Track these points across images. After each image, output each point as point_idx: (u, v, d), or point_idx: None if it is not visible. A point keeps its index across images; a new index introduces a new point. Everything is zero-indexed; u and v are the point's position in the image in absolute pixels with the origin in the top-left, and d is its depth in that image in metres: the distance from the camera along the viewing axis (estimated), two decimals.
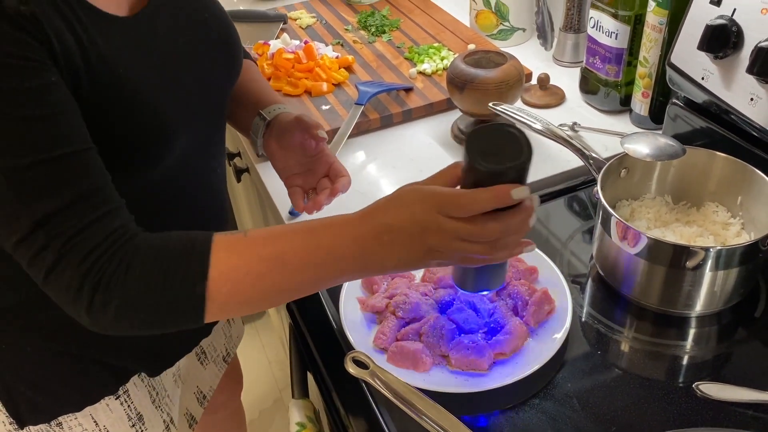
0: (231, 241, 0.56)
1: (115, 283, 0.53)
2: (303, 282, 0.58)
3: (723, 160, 0.78)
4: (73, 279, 0.52)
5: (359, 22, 1.33)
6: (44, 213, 0.52)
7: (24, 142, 0.51)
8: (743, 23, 0.77)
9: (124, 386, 0.78)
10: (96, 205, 0.53)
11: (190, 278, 0.54)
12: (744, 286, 0.73)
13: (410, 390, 0.61)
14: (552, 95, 1.10)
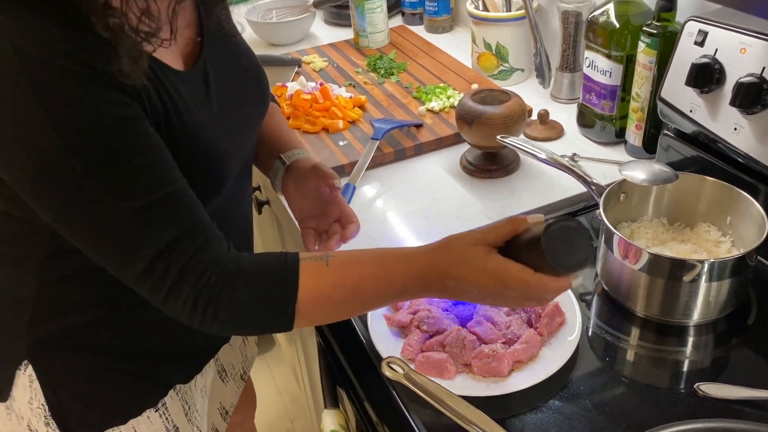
0: (316, 269, 0.66)
1: (222, 301, 0.63)
2: (374, 305, 0.73)
3: (712, 183, 0.86)
4: (188, 298, 0.63)
5: (368, 65, 1.43)
6: (163, 244, 0.61)
7: (139, 186, 0.60)
8: (724, 61, 0.86)
9: (163, 399, 0.83)
10: (197, 234, 0.63)
11: (282, 302, 0.65)
12: (736, 297, 0.80)
13: (442, 389, 0.68)
14: (552, 129, 1.19)
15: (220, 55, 0.77)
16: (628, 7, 1.04)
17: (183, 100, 0.67)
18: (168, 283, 0.62)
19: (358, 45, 1.53)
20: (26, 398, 0.78)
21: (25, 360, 0.76)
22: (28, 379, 0.77)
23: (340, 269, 0.67)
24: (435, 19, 1.62)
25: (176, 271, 0.62)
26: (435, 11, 1.61)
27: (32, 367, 0.76)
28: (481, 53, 1.36)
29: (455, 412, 0.65)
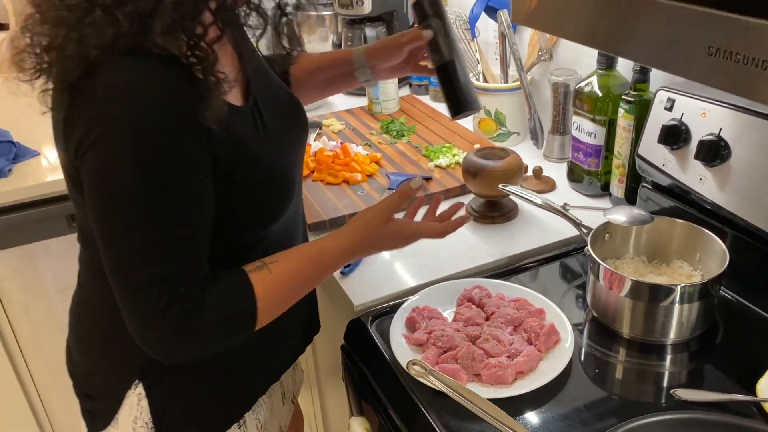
0: (262, 279, 0.80)
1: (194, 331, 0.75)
2: (314, 285, 0.90)
3: (681, 225, 1.01)
4: (167, 330, 0.74)
5: (381, 127, 1.61)
6: (163, 273, 0.73)
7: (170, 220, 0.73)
8: (689, 123, 1.03)
9: (244, 417, 0.95)
10: (192, 276, 0.75)
11: (249, 314, 0.80)
12: (705, 319, 0.93)
13: (459, 385, 0.80)
14: (545, 183, 1.35)
15: (260, 85, 0.91)
16: (608, 79, 1.22)
17: (245, 132, 0.82)
18: (155, 307, 0.72)
19: (371, 111, 1.71)
20: (131, 417, 0.88)
21: (137, 379, 0.88)
22: (137, 397, 0.87)
23: (281, 274, 0.82)
24: (439, 90, 1.81)
25: (165, 300, 0.72)
26: None
27: (142, 385, 0.88)
28: (482, 119, 1.54)
29: (472, 402, 0.78)
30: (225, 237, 0.81)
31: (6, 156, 1.62)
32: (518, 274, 1.11)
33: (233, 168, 0.79)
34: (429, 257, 1.15)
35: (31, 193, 1.56)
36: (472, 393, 0.80)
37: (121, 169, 0.70)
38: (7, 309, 1.65)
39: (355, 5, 1.82)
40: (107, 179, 0.71)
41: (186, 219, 0.74)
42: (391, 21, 1.90)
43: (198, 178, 0.74)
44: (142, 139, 0.69)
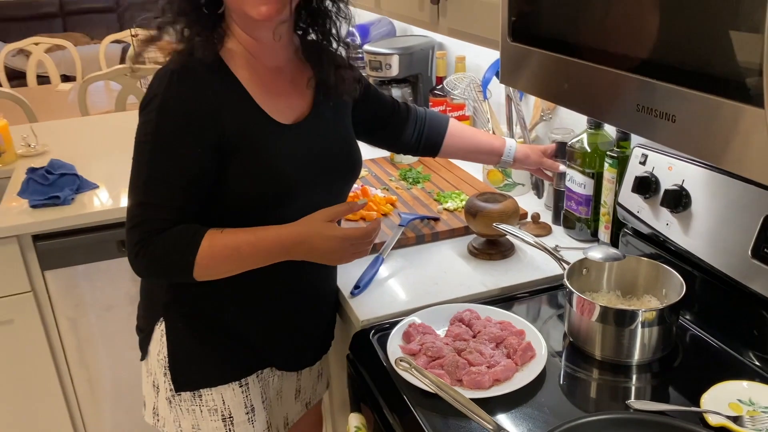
0: (213, 234, 1.01)
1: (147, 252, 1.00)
2: (249, 263, 1.04)
3: (647, 263, 1.15)
4: (130, 243, 1.01)
5: (400, 175, 1.79)
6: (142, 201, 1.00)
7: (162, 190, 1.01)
8: (659, 175, 1.19)
9: (246, 379, 1.12)
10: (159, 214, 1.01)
11: (187, 254, 1.00)
12: (664, 343, 1.06)
13: (438, 380, 0.95)
14: (542, 228, 1.51)
15: (325, 124, 1.14)
16: (597, 137, 1.39)
17: (268, 139, 1.04)
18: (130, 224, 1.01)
19: (393, 161, 1.90)
20: (156, 350, 1.09)
21: (162, 317, 1.07)
22: (160, 333, 1.08)
23: (227, 235, 1.01)
24: None
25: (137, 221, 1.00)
26: None
27: (164, 323, 1.07)
28: (490, 170, 1.71)
29: (447, 393, 0.92)
30: (233, 220, 1.04)
31: (71, 187, 1.85)
32: (507, 302, 1.25)
33: (239, 159, 1.02)
34: (429, 285, 1.31)
35: (87, 219, 1.78)
36: (447, 385, 0.94)
37: (145, 131, 1.01)
38: (58, 323, 1.85)
39: (384, 68, 2.04)
40: (138, 132, 1.02)
41: (172, 172, 1.00)
42: (416, 83, 2.11)
43: (193, 150, 0.99)
44: (161, 117, 1.00)
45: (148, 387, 1.21)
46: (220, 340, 1.13)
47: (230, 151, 1.02)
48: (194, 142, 1.00)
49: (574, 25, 0.87)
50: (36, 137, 2.24)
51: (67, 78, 4.82)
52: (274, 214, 1.07)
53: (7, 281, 1.75)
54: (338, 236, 1.03)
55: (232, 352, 1.14)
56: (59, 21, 6.68)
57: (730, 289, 1.07)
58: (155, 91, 1.00)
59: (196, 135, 1.00)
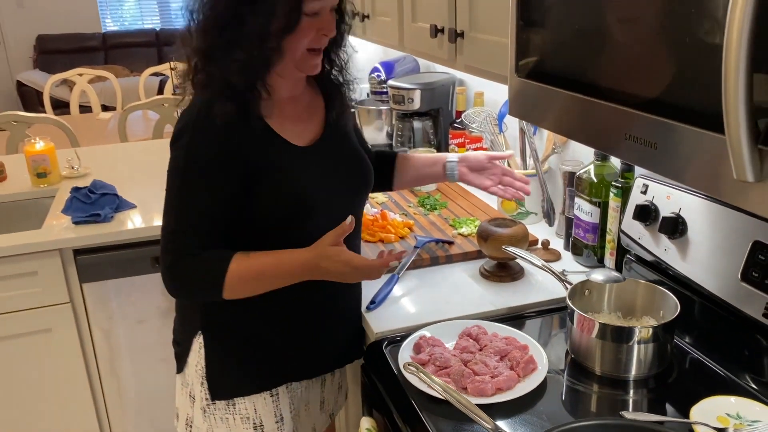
0: (240, 262, 1.11)
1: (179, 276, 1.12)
2: (274, 285, 1.15)
3: (644, 285, 1.22)
4: (163, 267, 1.13)
5: (418, 201, 1.89)
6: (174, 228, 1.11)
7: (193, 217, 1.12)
8: (658, 204, 1.26)
9: (277, 389, 1.22)
10: (190, 239, 1.12)
11: (216, 281, 1.11)
12: (659, 359, 1.12)
13: (442, 382, 1.02)
14: (551, 254, 1.58)
15: (337, 143, 1.25)
16: (603, 168, 1.47)
17: (288, 163, 1.14)
18: (163, 249, 1.12)
19: (412, 189, 2.00)
20: (195, 361, 1.19)
21: (199, 330, 1.17)
22: (198, 345, 1.18)
23: (254, 258, 1.12)
24: None
25: (170, 247, 1.12)
26: None
27: (203, 337, 1.17)
28: (503, 199, 1.80)
29: (451, 395, 0.99)
30: (257, 239, 1.15)
31: (110, 206, 1.98)
32: (514, 321, 1.32)
33: (263, 183, 1.12)
34: (440, 302, 1.39)
35: (125, 236, 1.90)
36: (451, 388, 1.02)
37: (176, 164, 1.11)
38: (93, 333, 1.96)
39: (407, 102, 2.15)
40: (170, 164, 1.13)
41: (201, 200, 1.10)
42: (437, 116, 2.22)
43: (220, 179, 1.10)
44: (191, 149, 1.10)
45: (183, 398, 1.29)
46: (253, 351, 1.23)
47: (254, 178, 1.12)
48: (221, 175, 1.10)
49: (571, 63, 0.97)
50: (79, 160, 2.39)
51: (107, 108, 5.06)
52: (296, 231, 1.17)
53: (48, 292, 1.87)
54: (342, 260, 1.13)
55: (265, 363, 1.24)
56: (101, 54, 7.00)
57: (723, 312, 1.13)
58: (185, 126, 1.11)
59: (222, 168, 1.10)
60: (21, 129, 2.97)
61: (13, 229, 2.06)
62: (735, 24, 0.62)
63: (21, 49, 7.05)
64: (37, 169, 2.22)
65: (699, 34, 0.73)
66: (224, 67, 1.07)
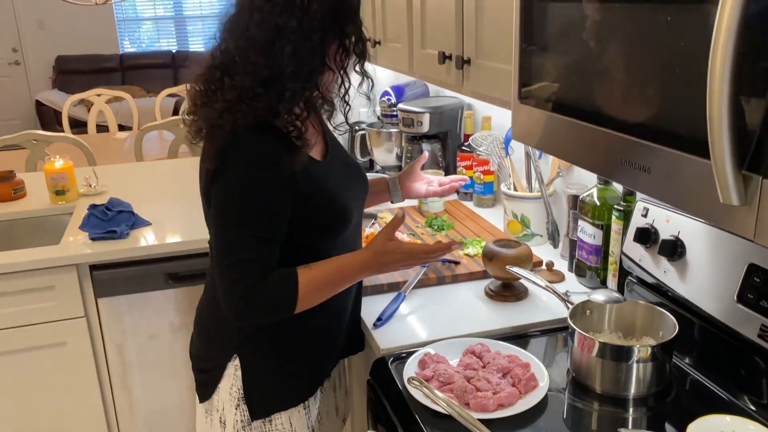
0: (307, 276, 1.17)
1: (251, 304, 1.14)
2: (341, 286, 1.23)
3: (643, 306, 1.25)
4: (233, 298, 1.13)
5: (426, 222, 1.93)
6: (240, 259, 1.12)
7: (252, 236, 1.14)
8: (658, 227, 1.30)
9: (308, 401, 1.28)
10: (258, 266, 1.14)
11: (291, 298, 1.15)
12: (658, 378, 1.15)
13: (444, 396, 1.05)
14: (555, 275, 1.61)
15: (336, 153, 1.34)
16: (606, 192, 1.51)
17: (322, 178, 1.22)
18: (231, 280, 1.13)
19: (420, 210, 2.05)
20: (229, 384, 1.24)
21: (235, 353, 1.21)
22: (234, 368, 1.23)
23: (319, 273, 1.18)
24: (481, 198, 2.13)
25: (238, 276, 1.12)
26: (482, 191, 2.12)
27: (239, 359, 1.21)
28: (510, 220, 1.83)
29: (452, 409, 1.03)
30: (301, 248, 1.21)
31: (126, 223, 2.04)
32: (517, 339, 1.35)
33: (310, 198, 1.19)
34: (445, 321, 1.42)
35: (140, 252, 1.95)
36: (453, 402, 1.05)
37: (235, 196, 1.14)
38: (106, 347, 2.01)
39: (416, 125, 2.21)
40: (224, 193, 1.14)
41: (266, 228, 1.15)
42: (446, 139, 2.27)
43: (277, 205, 1.14)
44: (251, 182, 1.14)
45: (207, 426, 1.31)
46: (289, 364, 1.28)
47: (301, 196, 1.18)
48: (279, 200, 1.15)
49: (570, 90, 1.01)
50: (96, 178, 2.45)
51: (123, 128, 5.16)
52: (335, 238, 1.27)
53: (64, 306, 1.92)
54: (404, 252, 1.23)
55: (297, 376, 1.30)
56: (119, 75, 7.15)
57: (720, 333, 1.16)
58: (236, 157, 1.12)
59: (280, 194, 1.15)
60: (40, 147, 3.05)
61: (32, 245, 2.12)
62: (718, 57, 0.66)
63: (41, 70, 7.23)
64: (56, 186, 2.29)
65: (687, 64, 0.77)
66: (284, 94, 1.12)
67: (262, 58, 1.10)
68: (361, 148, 2.61)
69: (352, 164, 1.41)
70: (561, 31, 1.03)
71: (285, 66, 1.10)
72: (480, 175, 2.09)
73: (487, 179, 2.09)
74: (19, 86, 7.23)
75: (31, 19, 7.05)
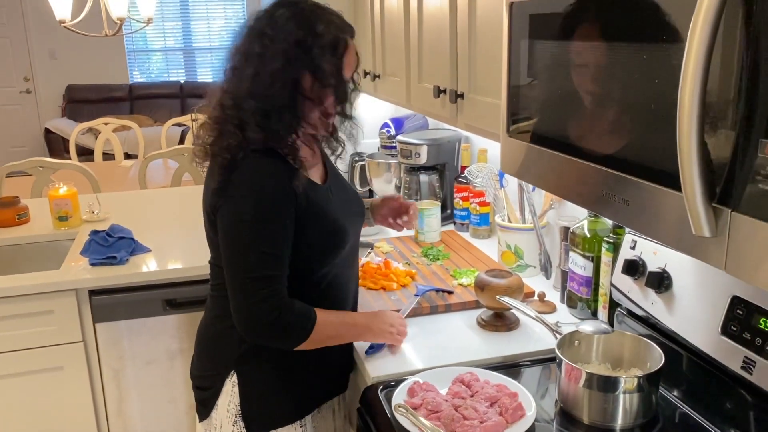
0: (322, 318, 1.25)
1: (277, 324, 1.18)
2: (345, 339, 1.34)
3: (630, 337, 1.26)
4: (262, 313, 1.19)
5: (422, 252, 1.95)
6: (262, 275, 1.17)
7: (262, 261, 1.19)
8: (646, 259, 1.32)
9: (305, 420, 1.31)
10: (280, 282, 1.22)
11: (306, 331, 1.22)
12: (645, 409, 1.16)
13: (430, 424, 1.06)
14: (547, 306, 1.63)
15: (334, 177, 1.39)
16: (596, 224, 1.53)
17: (322, 200, 1.26)
18: (256, 297, 1.19)
19: (417, 239, 2.07)
20: (227, 401, 1.26)
21: (233, 370, 1.24)
22: (232, 385, 1.25)
23: (332, 315, 1.28)
24: (477, 228, 2.16)
25: (265, 293, 1.20)
26: (478, 222, 2.15)
27: (236, 375, 1.24)
28: (504, 251, 1.86)
29: None
30: (302, 267, 1.25)
31: (126, 249, 2.07)
32: (507, 369, 1.36)
33: (308, 219, 1.24)
34: (437, 349, 1.43)
35: (139, 278, 1.98)
36: (438, 430, 1.06)
37: (243, 214, 1.20)
38: (103, 373, 2.02)
39: (414, 156, 2.24)
40: (234, 214, 1.21)
41: (277, 245, 1.21)
42: (443, 171, 2.31)
43: (286, 224, 1.20)
44: (257, 201, 1.20)
45: None
46: (285, 381, 1.31)
47: (303, 217, 1.24)
48: (286, 214, 1.22)
49: (553, 124, 1.04)
50: (99, 205, 2.49)
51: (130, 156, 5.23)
52: (332, 260, 1.31)
53: (62, 331, 1.94)
54: (394, 321, 1.39)
55: (295, 394, 1.32)
56: (127, 104, 7.27)
57: (706, 365, 1.17)
58: (247, 179, 1.20)
59: (288, 213, 1.21)
60: (46, 174, 3.11)
61: (34, 269, 2.15)
62: (686, 94, 0.70)
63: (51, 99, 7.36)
64: (59, 212, 2.33)
65: (661, 100, 0.80)
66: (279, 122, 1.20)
67: (242, 85, 1.19)
68: (361, 178, 2.65)
69: (350, 190, 1.46)
70: (545, 68, 1.06)
71: (244, 86, 1.19)
72: (476, 206, 2.12)
73: (483, 210, 2.12)
74: (29, 114, 7.35)
75: (44, 49, 7.21)
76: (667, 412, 1.21)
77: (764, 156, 0.67)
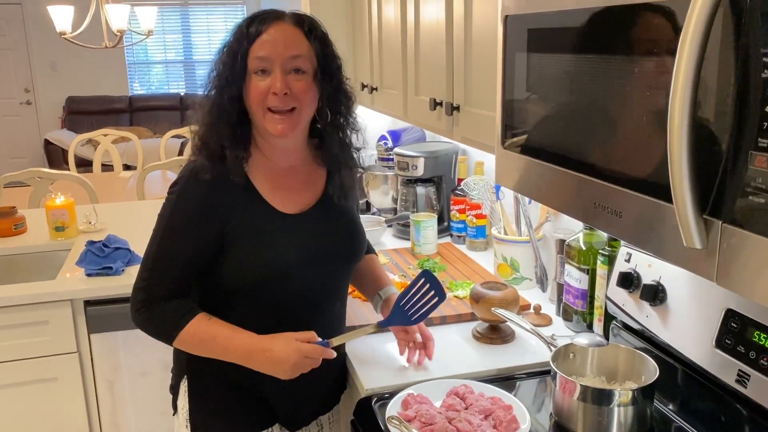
0: (201, 318, 1.21)
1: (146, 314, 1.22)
2: (218, 354, 1.21)
3: (624, 350, 1.26)
4: (137, 301, 1.23)
5: (418, 264, 1.95)
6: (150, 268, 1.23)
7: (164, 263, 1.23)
8: (640, 271, 1.32)
9: (268, 429, 1.26)
10: (159, 285, 1.23)
11: (176, 327, 1.20)
12: (640, 423, 1.15)
13: None
14: (542, 318, 1.62)
15: (330, 213, 1.31)
16: (592, 237, 1.53)
17: (274, 234, 1.22)
18: (136, 286, 1.24)
19: (413, 251, 2.07)
20: (183, 404, 1.24)
21: (185, 375, 1.22)
22: (184, 389, 1.23)
23: (212, 324, 1.21)
24: (474, 241, 2.16)
25: (141, 286, 1.23)
26: (474, 235, 2.15)
27: (187, 381, 1.22)
28: (500, 264, 1.85)
29: None
30: (226, 297, 1.23)
31: (123, 259, 2.06)
32: (502, 381, 1.36)
33: (239, 246, 1.21)
34: (432, 362, 1.43)
35: None
36: None
37: (164, 210, 1.24)
38: (97, 384, 2.01)
39: (411, 169, 2.25)
40: (162, 207, 1.25)
41: (177, 253, 1.22)
42: (440, 183, 2.31)
43: (195, 235, 1.20)
44: (178, 202, 1.22)
45: None
46: (235, 395, 1.27)
47: (231, 241, 1.21)
48: (198, 230, 1.21)
49: (547, 136, 1.05)
50: (96, 216, 2.50)
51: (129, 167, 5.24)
52: (268, 295, 1.25)
53: (57, 341, 1.94)
54: (295, 348, 1.19)
55: (246, 408, 1.28)
56: (127, 116, 7.30)
57: (701, 378, 1.16)
58: (179, 179, 1.23)
59: (201, 225, 1.21)
60: (44, 185, 3.11)
61: (30, 280, 2.15)
62: (676, 106, 0.70)
63: (51, 110, 7.38)
64: (56, 222, 2.33)
65: (652, 113, 0.81)
66: (205, 130, 1.23)
67: None
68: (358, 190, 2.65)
69: (341, 232, 1.34)
70: (539, 80, 1.07)
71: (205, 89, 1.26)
72: (473, 218, 2.12)
73: (480, 223, 2.12)
74: (29, 125, 7.38)
75: (44, 60, 7.24)
76: (662, 425, 1.20)
77: (755, 168, 0.67)
